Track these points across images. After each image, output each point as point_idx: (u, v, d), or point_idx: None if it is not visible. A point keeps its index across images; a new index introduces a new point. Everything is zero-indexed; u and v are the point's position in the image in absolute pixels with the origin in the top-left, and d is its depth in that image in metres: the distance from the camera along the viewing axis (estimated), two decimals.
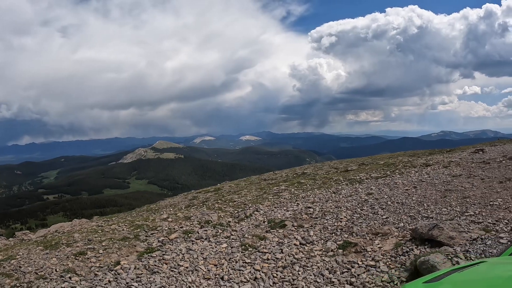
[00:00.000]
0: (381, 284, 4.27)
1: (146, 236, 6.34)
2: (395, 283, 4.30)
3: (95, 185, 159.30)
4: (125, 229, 7.18)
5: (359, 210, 7.45)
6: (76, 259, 5.45)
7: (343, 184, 10.75)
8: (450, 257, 4.69)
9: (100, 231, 7.26)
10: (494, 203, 7.11)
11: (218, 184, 16.58)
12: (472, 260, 4.77)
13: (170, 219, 7.53)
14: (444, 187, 8.85)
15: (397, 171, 12.19)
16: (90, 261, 5.25)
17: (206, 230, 6.39)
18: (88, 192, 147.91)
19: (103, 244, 6.06)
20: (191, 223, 7.03)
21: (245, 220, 7.00)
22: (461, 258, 4.71)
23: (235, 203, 9.16)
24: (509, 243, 5.08)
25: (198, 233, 6.22)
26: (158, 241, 5.94)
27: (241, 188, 12.86)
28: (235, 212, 7.82)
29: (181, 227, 6.73)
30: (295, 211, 7.59)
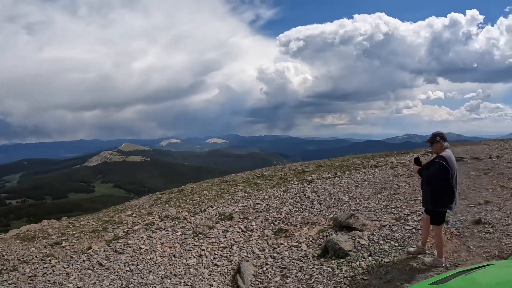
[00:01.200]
0: (297, 257, 5.56)
1: (113, 228, 7.41)
2: (308, 257, 5.59)
3: (59, 189, 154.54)
4: (94, 224, 8.20)
5: (299, 205, 8.72)
6: (52, 248, 6.45)
7: (294, 184, 11.92)
8: (353, 238, 6.03)
9: (71, 227, 8.24)
10: (419, 198, 8.49)
11: (182, 186, 17.49)
12: (375, 241, 6.09)
13: (134, 215, 8.62)
14: (382, 186, 10.09)
15: (347, 172, 13.26)
16: (66, 248, 6.29)
17: (165, 222, 7.54)
18: (52, 196, 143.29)
19: (75, 236, 7.08)
20: (152, 217, 8.14)
21: (200, 214, 8.18)
22: (364, 239, 6.04)
23: (194, 201, 10.26)
24: None
25: (158, 225, 7.36)
26: (124, 231, 7.05)
27: (202, 189, 13.90)
28: (192, 208, 8.98)
29: (144, 221, 7.84)
30: (244, 206, 8.81)
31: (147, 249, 5.99)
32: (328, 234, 6.59)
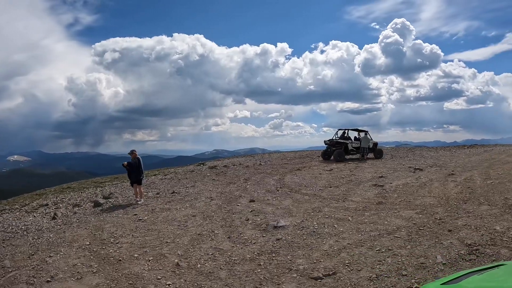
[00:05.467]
0: (82, 209, 12.56)
1: None
2: (86, 209, 12.64)
3: None
4: None
5: (89, 196, 15.53)
6: None
7: (90, 189, 18.45)
8: (106, 200, 13.41)
9: None
10: (161, 186, 16.35)
11: None
12: (117, 200, 13.55)
13: None
14: (147, 183, 17.72)
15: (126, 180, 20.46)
16: None
17: (5, 211, 13.43)
18: None
19: None
20: None
21: (26, 206, 14.23)
22: (113, 200, 13.43)
23: (17, 203, 15.83)
24: None
25: (2, 212, 13.23)
26: None
27: (18, 199, 18.99)
28: (20, 204, 14.82)
29: None
30: (54, 200, 15.11)
31: (6, 219, 12.08)
32: (101, 200, 13.75)
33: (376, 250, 7.06)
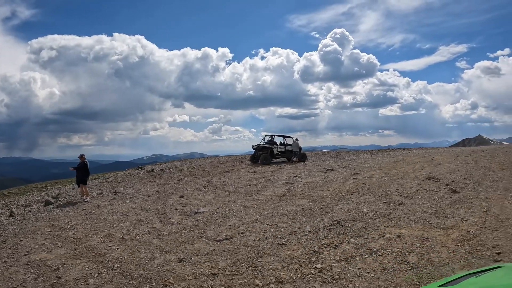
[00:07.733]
0: (34, 208, 14.69)
1: None
2: (38, 207, 14.75)
3: None
4: None
5: (41, 197, 17.48)
6: None
7: (34, 192, 20.25)
8: (55, 200, 15.62)
9: None
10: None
11: None
12: (65, 199, 15.79)
13: None
14: (90, 186, 19.84)
15: (68, 184, 22.40)
16: None
17: None
18: None
19: None
20: None
21: None
22: (62, 199, 15.68)
23: None
24: None
25: None
26: None
27: None
28: None
29: None
30: (4, 204, 16.90)
31: None
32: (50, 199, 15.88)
33: (266, 225, 10.23)
